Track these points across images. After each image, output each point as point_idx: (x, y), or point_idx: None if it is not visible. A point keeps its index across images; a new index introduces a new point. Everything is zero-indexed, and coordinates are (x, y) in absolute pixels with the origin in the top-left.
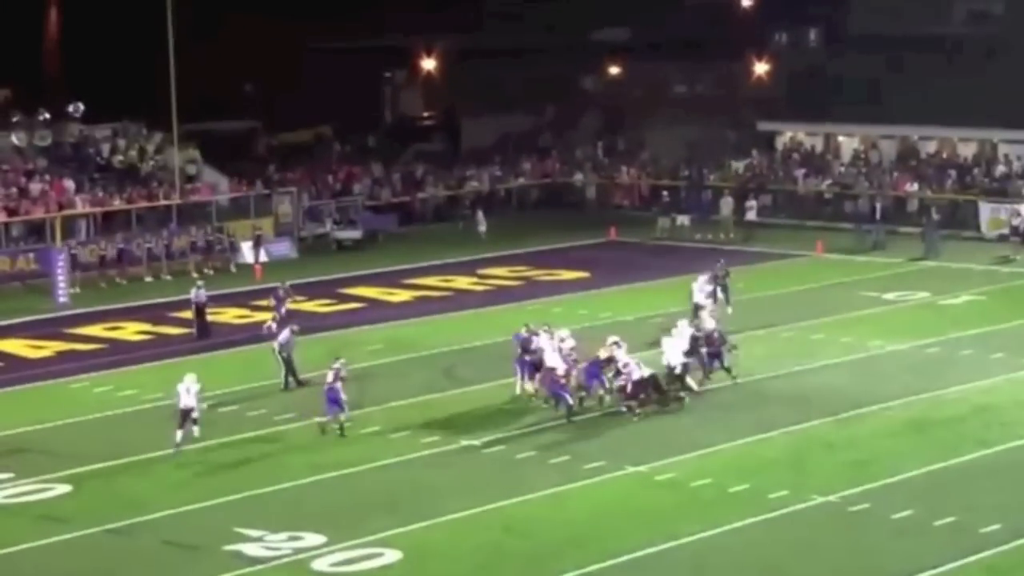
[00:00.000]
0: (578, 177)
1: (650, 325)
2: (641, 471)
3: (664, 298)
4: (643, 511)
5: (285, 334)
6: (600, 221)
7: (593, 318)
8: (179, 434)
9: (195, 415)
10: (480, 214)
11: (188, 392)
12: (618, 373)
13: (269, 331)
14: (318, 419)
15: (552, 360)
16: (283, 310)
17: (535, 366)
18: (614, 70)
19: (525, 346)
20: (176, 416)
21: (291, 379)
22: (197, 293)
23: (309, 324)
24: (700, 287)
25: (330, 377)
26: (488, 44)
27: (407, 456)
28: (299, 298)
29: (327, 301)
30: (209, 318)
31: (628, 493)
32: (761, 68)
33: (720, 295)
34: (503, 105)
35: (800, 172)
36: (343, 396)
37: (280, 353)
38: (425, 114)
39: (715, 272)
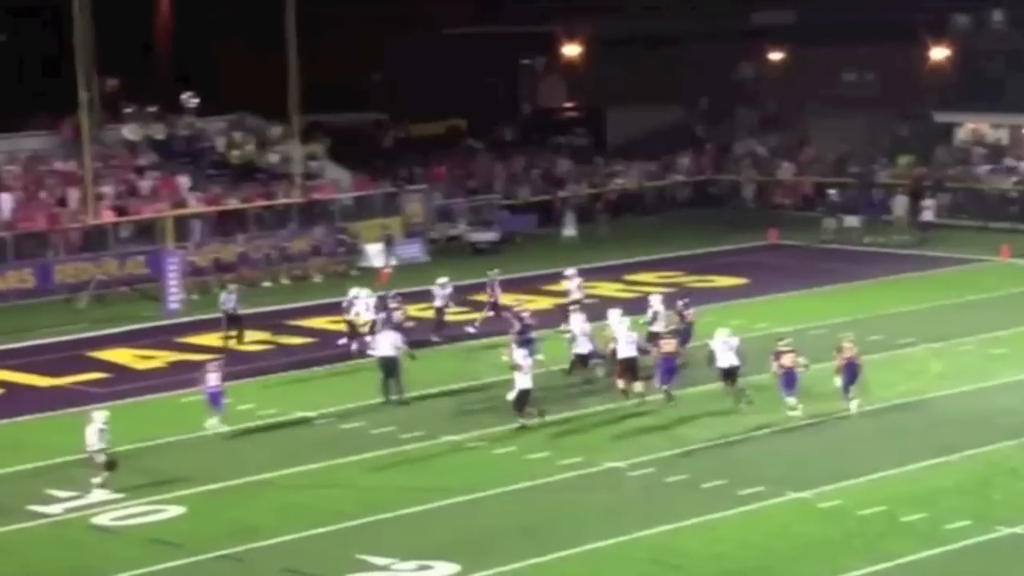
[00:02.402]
0: (738, 174)
1: (811, 337)
2: (804, 497)
3: (829, 307)
4: (805, 542)
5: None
6: (759, 222)
7: (749, 328)
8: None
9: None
10: (570, 215)
11: (366, 308)
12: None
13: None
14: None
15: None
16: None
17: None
18: (776, 56)
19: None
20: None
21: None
22: (227, 298)
23: (442, 333)
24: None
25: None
26: (636, 29)
27: (544, 479)
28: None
29: (460, 308)
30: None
31: (789, 522)
32: (939, 53)
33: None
34: (653, 95)
35: (983, 168)
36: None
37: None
38: (567, 105)
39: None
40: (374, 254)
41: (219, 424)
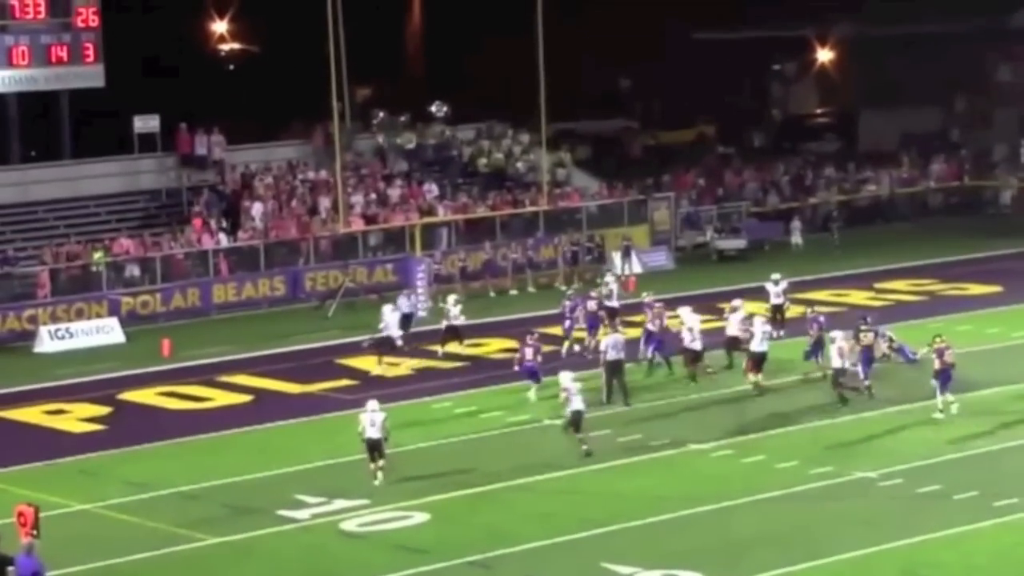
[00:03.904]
0: (995, 180)
1: None
2: None
3: None
4: None
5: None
6: (1016, 229)
7: (1005, 338)
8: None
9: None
10: (796, 222)
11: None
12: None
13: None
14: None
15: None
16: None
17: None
18: None
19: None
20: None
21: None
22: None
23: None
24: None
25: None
26: (889, 31)
27: (793, 488)
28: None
29: (705, 317)
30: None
31: None
32: None
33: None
34: (905, 100)
35: None
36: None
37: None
38: (818, 110)
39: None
40: (619, 262)
41: (535, 395)
